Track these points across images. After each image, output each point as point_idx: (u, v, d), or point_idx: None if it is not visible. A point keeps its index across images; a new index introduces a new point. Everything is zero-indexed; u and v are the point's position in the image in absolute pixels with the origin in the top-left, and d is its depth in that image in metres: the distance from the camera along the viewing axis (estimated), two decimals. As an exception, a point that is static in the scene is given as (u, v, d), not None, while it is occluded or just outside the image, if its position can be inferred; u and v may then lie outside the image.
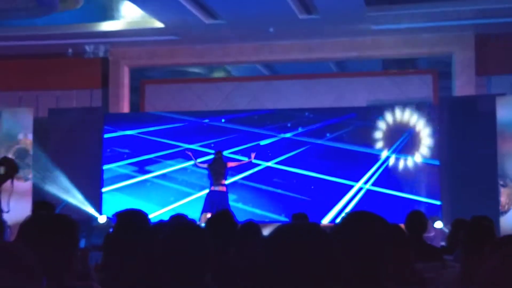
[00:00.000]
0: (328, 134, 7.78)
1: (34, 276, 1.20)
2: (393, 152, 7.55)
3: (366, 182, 7.49)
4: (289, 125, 7.90)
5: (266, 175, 7.82)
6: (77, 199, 7.86)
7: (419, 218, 3.78)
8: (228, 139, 8.02)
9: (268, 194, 7.75)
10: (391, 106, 7.85)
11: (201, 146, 8.10)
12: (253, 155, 7.34)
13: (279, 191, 7.71)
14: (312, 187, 7.58)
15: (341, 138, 7.73)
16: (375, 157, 7.56)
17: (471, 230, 3.41)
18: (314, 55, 8.20)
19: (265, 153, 7.86)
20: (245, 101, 8.41)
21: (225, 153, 7.63)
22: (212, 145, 7.98)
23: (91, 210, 7.91)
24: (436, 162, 7.37)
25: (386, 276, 1.44)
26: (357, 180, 7.52)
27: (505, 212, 6.79)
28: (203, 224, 4.78)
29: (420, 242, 3.63)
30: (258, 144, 7.46)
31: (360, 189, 7.47)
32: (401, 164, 7.50)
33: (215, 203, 6.99)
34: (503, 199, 6.83)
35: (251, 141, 7.97)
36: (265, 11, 6.89)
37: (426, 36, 7.78)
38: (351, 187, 7.50)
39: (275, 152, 7.86)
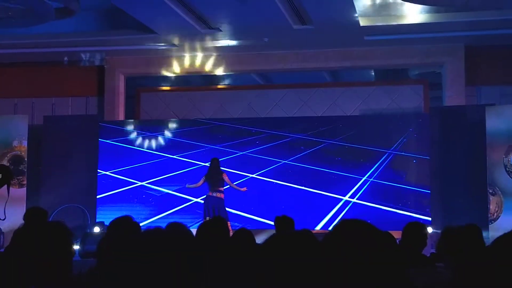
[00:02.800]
0: (320, 142, 7.88)
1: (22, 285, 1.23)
2: (384, 160, 7.66)
3: (361, 186, 7.60)
4: (282, 133, 8.00)
5: (257, 183, 7.89)
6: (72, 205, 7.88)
7: (416, 228, 3.67)
8: (222, 147, 8.10)
9: (259, 202, 7.82)
10: (382, 116, 8.00)
11: (196, 153, 8.17)
12: (245, 188, 7.41)
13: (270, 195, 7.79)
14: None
15: (333, 147, 7.83)
16: (366, 168, 7.67)
17: (460, 237, 3.49)
18: (308, 65, 8.31)
19: (257, 162, 7.94)
20: (240, 109, 8.49)
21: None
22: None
23: (85, 216, 7.93)
24: (427, 171, 7.48)
25: (376, 284, 1.49)
26: (349, 189, 7.62)
27: (494, 219, 6.90)
28: None
29: (413, 251, 3.63)
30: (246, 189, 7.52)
31: (358, 188, 7.57)
32: (392, 172, 7.61)
33: (212, 209, 7.04)
34: (492, 207, 6.95)
35: (244, 149, 8.05)
36: (260, 21, 6.98)
37: (417, 47, 7.91)
38: (341, 199, 7.59)
39: (265, 161, 7.94)
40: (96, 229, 7.17)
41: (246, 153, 8.05)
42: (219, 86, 9.13)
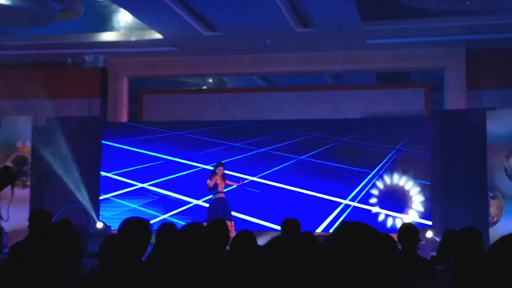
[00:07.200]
0: (321, 145, 7.92)
1: None
2: (386, 163, 7.69)
3: (360, 191, 7.63)
4: (283, 135, 8.04)
5: (258, 185, 7.93)
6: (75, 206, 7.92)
7: (411, 230, 3.85)
8: (224, 149, 8.13)
9: (263, 204, 7.85)
10: (384, 119, 8.03)
11: (198, 155, 8.20)
12: (241, 181, 7.49)
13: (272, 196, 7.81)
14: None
15: (334, 150, 7.86)
16: (368, 170, 7.70)
17: (460, 240, 3.52)
18: (310, 68, 8.35)
19: (259, 165, 7.98)
20: (242, 112, 8.53)
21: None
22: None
23: (88, 217, 7.97)
24: (428, 174, 7.50)
25: (377, 287, 1.51)
26: (351, 191, 7.65)
27: (494, 223, 6.93)
28: None
29: (412, 254, 3.71)
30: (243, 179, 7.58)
31: (360, 191, 7.60)
32: (393, 176, 7.64)
33: (216, 210, 7.13)
34: (492, 210, 6.98)
35: (247, 151, 8.08)
36: (263, 23, 7.02)
37: (419, 51, 7.95)
38: (341, 202, 7.62)
39: (268, 164, 7.98)
40: (99, 225, 7.26)
41: (247, 155, 8.08)
42: (222, 89, 9.16)
